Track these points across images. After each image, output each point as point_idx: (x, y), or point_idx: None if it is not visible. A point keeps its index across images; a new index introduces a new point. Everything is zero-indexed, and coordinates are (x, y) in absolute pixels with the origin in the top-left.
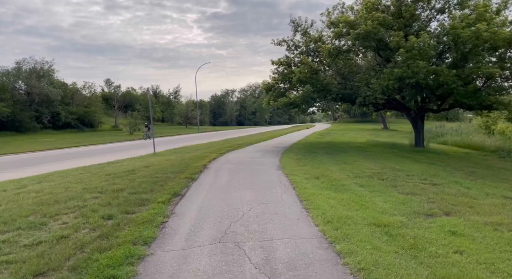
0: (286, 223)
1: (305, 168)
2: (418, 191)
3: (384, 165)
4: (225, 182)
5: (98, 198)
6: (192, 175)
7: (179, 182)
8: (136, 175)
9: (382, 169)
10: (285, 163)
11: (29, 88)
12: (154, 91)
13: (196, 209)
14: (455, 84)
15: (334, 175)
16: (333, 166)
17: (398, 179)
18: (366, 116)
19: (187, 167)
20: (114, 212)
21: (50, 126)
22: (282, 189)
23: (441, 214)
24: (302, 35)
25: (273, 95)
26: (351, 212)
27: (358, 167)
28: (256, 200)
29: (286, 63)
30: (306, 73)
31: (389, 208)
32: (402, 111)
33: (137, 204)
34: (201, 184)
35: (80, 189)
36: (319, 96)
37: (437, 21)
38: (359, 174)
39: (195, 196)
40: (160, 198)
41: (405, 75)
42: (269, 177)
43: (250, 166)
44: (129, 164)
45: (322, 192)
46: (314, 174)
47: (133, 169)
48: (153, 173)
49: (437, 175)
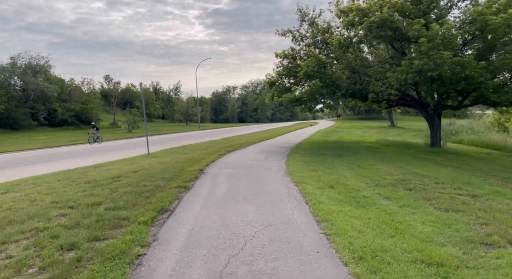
0: (302, 259)
1: (316, 174)
2: (459, 206)
3: (404, 169)
4: (223, 193)
5: (66, 216)
6: (186, 183)
7: (169, 192)
8: (121, 182)
9: (405, 175)
10: (293, 167)
11: (24, 85)
12: (154, 87)
13: (186, 232)
14: (483, 78)
15: (351, 182)
16: (348, 171)
17: (427, 188)
18: (370, 114)
19: (181, 172)
20: (79, 238)
21: (46, 124)
22: (292, 203)
23: (505, 244)
24: (309, 26)
25: (277, 91)
26: (386, 239)
27: (376, 172)
28: (261, 220)
29: (291, 56)
30: (313, 66)
31: (432, 233)
32: (417, 108)
33: (111, 225)
34: (194, 195)
35: (48, 202)
36: (327, 92)
37: (458, 9)
38: (380, 182)
39: (186, 212)
40: (142, 216)
41: (426, 68)
42: (275, 185)
43: (253, 170)
44: (117, 167)
45: (342, 208)
46: (328, 182)
47: (119, 175)
48: (140, 180)
49: (470, 182)
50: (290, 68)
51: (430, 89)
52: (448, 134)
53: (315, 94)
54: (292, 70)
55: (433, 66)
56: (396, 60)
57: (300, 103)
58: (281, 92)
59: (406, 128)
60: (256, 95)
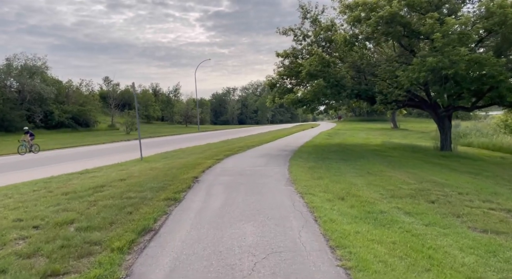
0: None
1: (323, 182)
2: (497, 225)
3: (419, 176)
4: (218, 206)
5: (26, 240)
6: (176, 194)
7: (156, 206)
8: (103, 193)
9: (421, 183)
10: (296, 174)
11: (20, 86)
12: (154, 89)
13: (169, 263)
14: (503, 76)
15: (363, 193)
16: (357, 178)
17: (452, 200)
18: (372, 115)
19: (173, 180)
20: (31, 274)
21: (43, 126)
22: (299, 221)
23: None
24: (312, 23)
25: (278, 92)
26: (421, 275)
27: (388, 179)
28: (262, 244)
29: (293, 54)
30: (316, 65)
31: (477, 265)
32: (426, 109)
33: (78, 253)
34: (185, 210)
35: (11, 220)
36: (332, 92)
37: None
38: (395, 192)
39: (173, 233)
40: (117, 240)
41: (440, 66)
42: (278, 197)
43: (253, 178)
44: (105, 174)
45: (359, 228)
46: (337, 192)
47: (103, 184)
48: (126, 190)
49: (498, 193)
50: (291, 68)
51: (443, 89)
52: (456, 137)
53: (318, 94)
54: (294, 70)
55: (448, 64)
56: (405, 59)
57: (302, 104)
58: (282, 94)
59: (409, 130)
60: (256, 97)
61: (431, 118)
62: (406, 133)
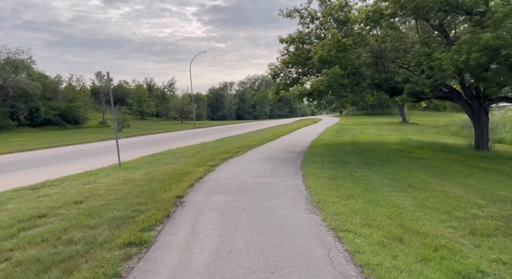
0: None
1: (358, 206)
2: None
3: (483, 191)
4: (207, 262)
5: None
6: (144, 233)
7: (105, 261)
8: (33, 232)
9: (496, 203)
10: (316, 190)
11: (2, 81)
12: (148, 84)
13: None
14: None
15: (426, 227)
16: (400, 197)
17: None
18: (375, 109)
19: (148, 203)
20: None
21: (28, 124)
22: None
23: None
24: (321, 2)
25: (282, 84)
26: None
27: (445, 198)
28: None
29: (300, 39)
30: (330, 50)
31: None
32: (458, 101)
33: None
34: (151, 272)
35: None
36: (350, 82)
37: None
38: (472, 222)
39: None
40: None
41: (499, 44)
42: (300, 237)
43: (258, 198)
44: (61, 191)
45: None
46: (386, 225)
47: (45, 213)
48: (71, 225)
49: None
50: (298, 55)
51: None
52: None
53: (334, 85)
54: (301, 57)
55: (510, 41)
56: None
57: (313, 97)
58: (287, 85)
59: (420, 125)
60: (254, 91)
61: (437, 111)
62: (419, 128)
